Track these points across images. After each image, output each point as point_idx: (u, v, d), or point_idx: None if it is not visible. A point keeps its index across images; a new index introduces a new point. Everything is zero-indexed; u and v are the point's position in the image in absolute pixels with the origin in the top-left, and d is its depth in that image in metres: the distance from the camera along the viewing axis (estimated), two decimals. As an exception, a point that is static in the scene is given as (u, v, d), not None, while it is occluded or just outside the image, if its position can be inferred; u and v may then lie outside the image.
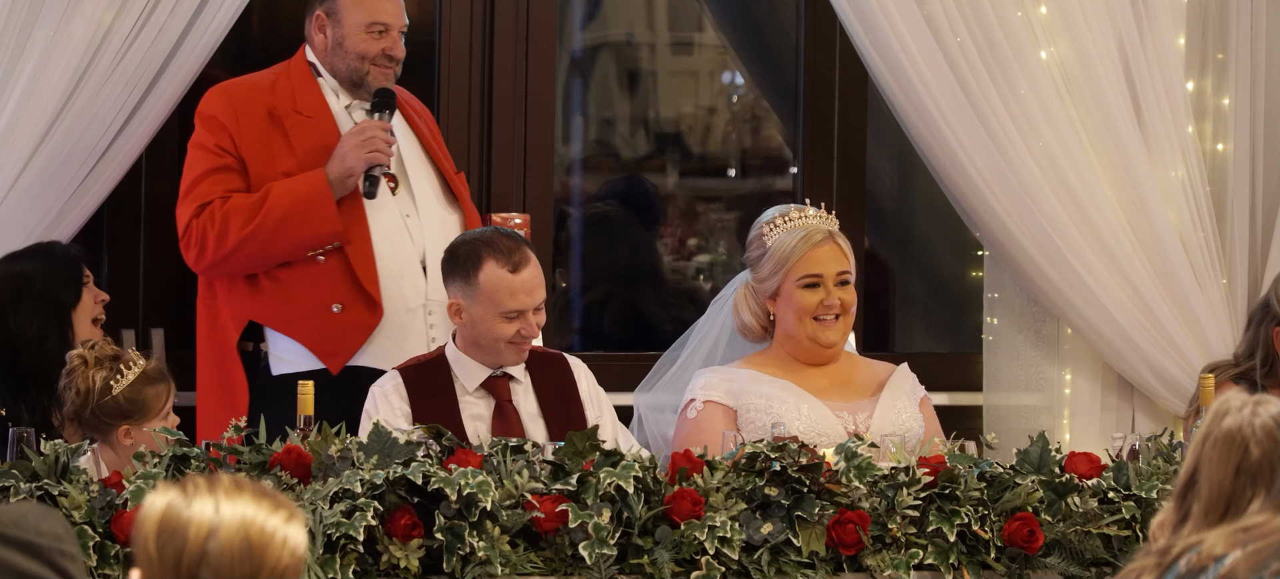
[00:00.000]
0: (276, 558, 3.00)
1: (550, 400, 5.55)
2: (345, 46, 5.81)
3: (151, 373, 5.28)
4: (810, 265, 5.63)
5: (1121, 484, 5.01)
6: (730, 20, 7.48)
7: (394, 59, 5.82)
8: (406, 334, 5.76)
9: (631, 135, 7.69)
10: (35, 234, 5.91)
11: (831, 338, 5.65)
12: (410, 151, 5.89)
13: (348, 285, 5.74)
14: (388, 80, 5.83)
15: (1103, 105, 6.38)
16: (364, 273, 5.73)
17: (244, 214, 5.69)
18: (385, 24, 5.81)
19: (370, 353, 5.76)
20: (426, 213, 5.82)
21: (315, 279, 5.74)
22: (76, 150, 5.95)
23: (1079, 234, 6.38)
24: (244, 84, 5.89)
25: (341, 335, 5.74)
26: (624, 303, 7.42)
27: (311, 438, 4.83)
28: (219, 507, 2.99)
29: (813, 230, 5.64)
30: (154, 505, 3.00)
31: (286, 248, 5.70)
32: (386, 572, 4.67)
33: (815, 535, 4.85)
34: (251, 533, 2.99)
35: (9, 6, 5.85)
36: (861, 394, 5.66)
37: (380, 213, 5.78)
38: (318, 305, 5.74)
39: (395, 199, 5.82)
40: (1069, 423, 6.59)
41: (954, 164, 6.36)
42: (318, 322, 5.74)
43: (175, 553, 2.98)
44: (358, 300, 5.73)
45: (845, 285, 5.66)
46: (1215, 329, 6.46)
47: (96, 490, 4.73)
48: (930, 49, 6.30)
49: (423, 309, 5.76)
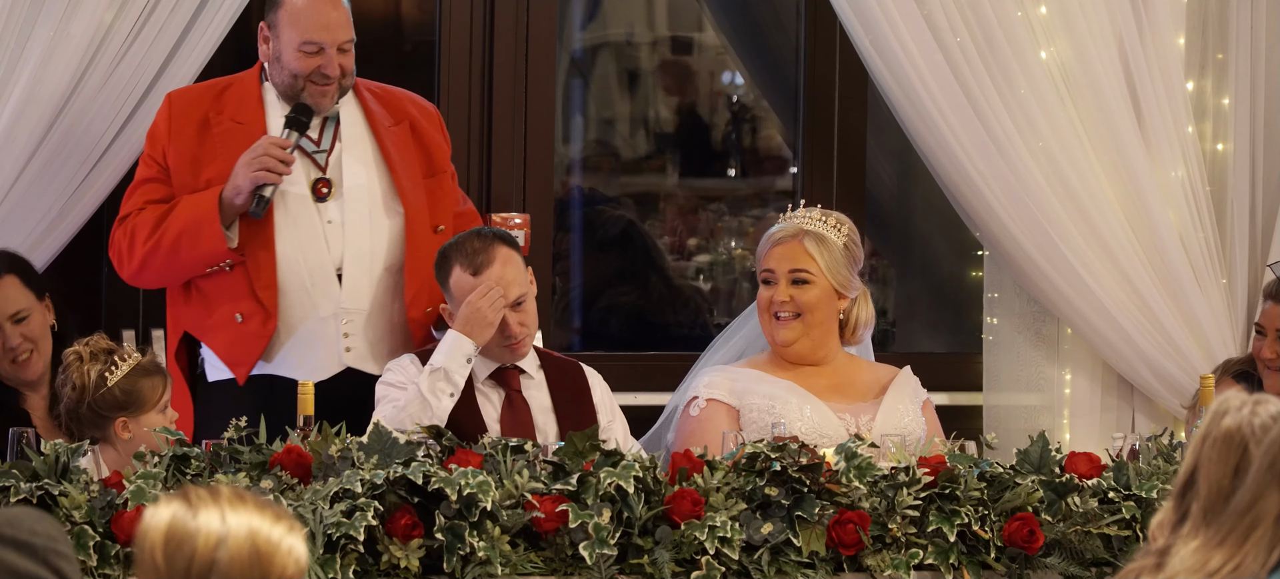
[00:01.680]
0: (282, 567, 3.02)
1: (563, 401, 5.58)
2: (282, 62, 5.73)
3: (146, 365, 5.29)
4: (766, 261, 5.68)
5: (1121, 484, 5.01)
6: (730, 20, 7.49)
7: (329, 77, 5.70)
8: (315, 343, 5.72)
9: (631, 135, 7.69)
10: (35, 234, 5.92)
11: (785, 337, 5.63)
12: (355, 157, 5.81)
13: (248, 295, 5.71)
14: (325, 98, 5.72)
15: (1103, 105, 6.38)
16: (259, 282, 5.69)
17: (146, 229, 5.69)
18: (317, 44, 5.68)
19: (280, 362, 5.73)
20: (353, 222, 5.78)
21: (225, 288, 5.72)
22: (76, 150, 5.95)
23: (1079, 234, 6.38)
24: (191, 91, 5.86)
25: (243, 344, 5.71)
26: (624, 303, 7.43)
27: (311, 438, 4.83)
28: (225, 517, 3.02)
29: (782, 228, 5.67)
30: (159, 516, 3.02)
31: (184, 264, 5.69)
32: (386, 572, 4.67)
33: (815, 535, 4.85)
34: (258, 542, 3.02)
35: (9, 6, 5.85)
36: (864, 396, 5.66)
37: (298, 221, 5.73)
38: (226, 314, 5.73)
39: (320, 206, 5.77)
40: (1069, 423, 6.59)
41: (954, 164, 6.36)
42: (226, 331, 5.73)
43: (185, 562, 3.00)
44: (257, 310, 5.70)
45: (801, 284, 5.63)
46: (1215, 329, 6.46)
47: (97, 490, 4.73)
48: (930, 49, 6.30)
49: (334, 318, 5.71)
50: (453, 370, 5.40)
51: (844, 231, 5.68)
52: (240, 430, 4.83)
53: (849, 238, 5.69)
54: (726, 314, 7.52)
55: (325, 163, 5.78)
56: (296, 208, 5.73)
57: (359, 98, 5.87)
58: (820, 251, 5.63)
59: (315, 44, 5.68)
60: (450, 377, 5.39)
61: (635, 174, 7.64)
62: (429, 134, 5.92)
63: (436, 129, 5.97)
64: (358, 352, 5.75)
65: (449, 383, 5.38)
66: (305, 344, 5.72)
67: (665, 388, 6.38)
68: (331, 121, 5.81)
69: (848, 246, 5.68)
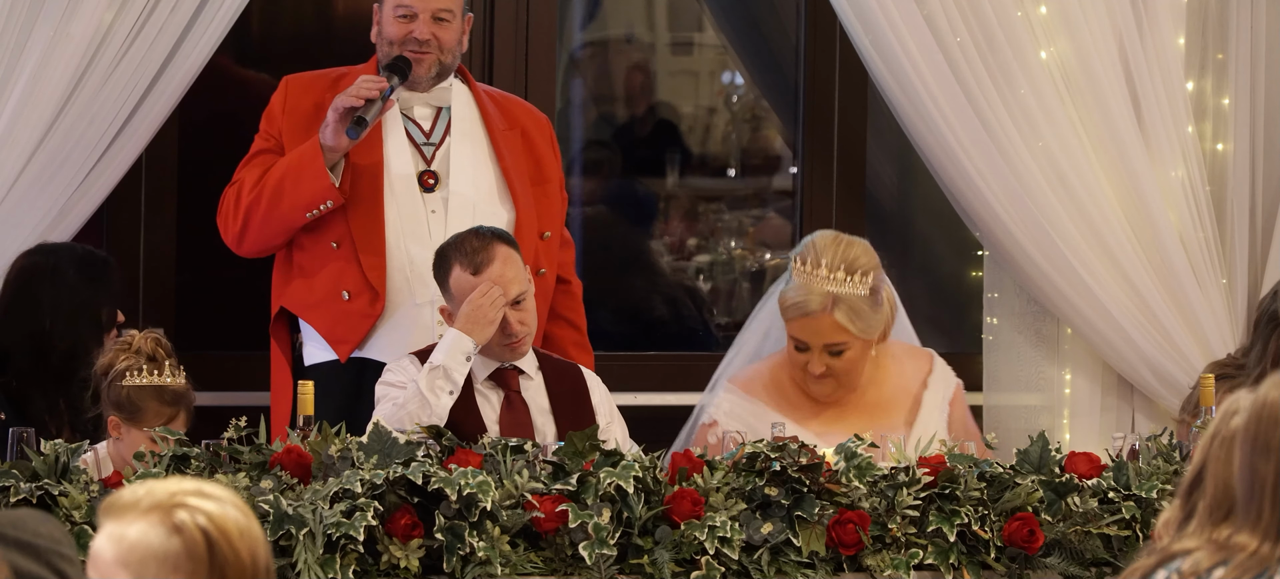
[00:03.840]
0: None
1: (562, 403, 5.58)
2: (383, 33, 5.86)
3: (168, 392, 5.28)
4: (799, 331, 5.54)
5: (1121, 484, 5.01)
6: (730, 20, 7.49)
7: (422, 41, 5.80)
8: (413, 328, 5.78)
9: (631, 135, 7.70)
10: (35, 234, 5.91)
11: (819, 392, 5.60)
12: (464, 151, 5.89)
13: (355, 274, 5.77)
14: (421, 66, 5.81)
15: (1103, 105, 6.38)
16: (368, 262, 5.76)
17: (252, 181, 5.78)
18: (411, 8, 5.80)
19: (377, 345, 5.79)
20: (456, 213, 5.82)
21: (330, 267, 5.79)
22: (76, 150, 5.95)
23: (1079, 234, 6.38)
24: (307, 76, 5.96)
25: (348, 323, 5.78)
26: (624, 303, 7.43)
27: (311, 438, 4.83)
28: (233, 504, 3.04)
29: (811, 297, 5.50)
30: (252, 524, 3.02)
31: (287, 210, 5.73)
32: (386, 572, 4.67)
33: (815, 535, 4.85)
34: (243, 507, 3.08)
35: (9, 6, 5.85)
36: (895, 412, 5.61)
37: (403, 208, 5.81)
38: (331, 292, 5.79)
39: (425, 195, 5.83)
40: (1069, 423, 6.59)
41: (954, 164, 6.36)
42: (330, 308, 5.80)
43: (250, 550, 3.01)
44: (363, 289, 5.77)
45: (837, 355, 5.54)
46: (1215, 329, 6.46)
47: (97, 490, 4.73)
48: (930, 49, 6.30)
49: (431, 305, 5.77)
50: (452, 368, 5.41)
51: (869, 279, 5.52)
52: (240, 430, 4.83)
53: (874, 280, 5.55)
54: (726, 314, 7.52)
55: (432, 156, 5.85)
56: (403, 195, 5.81)
57: (475, 96, 5.96)
58: (852, 320, 5.50)
59: (408, 8, 5.79)
60: (449, 374, 5.40)
61: (635, 174, 7.64)
62: (539, 144, 5.99)
63: (546, 141, 6.03)
64: None
65: (448, 381, 5.39)
66: (401, 328, 5.78)
67: (665, 388, 6.39)
68: (445, 114, 5.87)
69: (874, 290, 5.55)
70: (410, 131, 5.86)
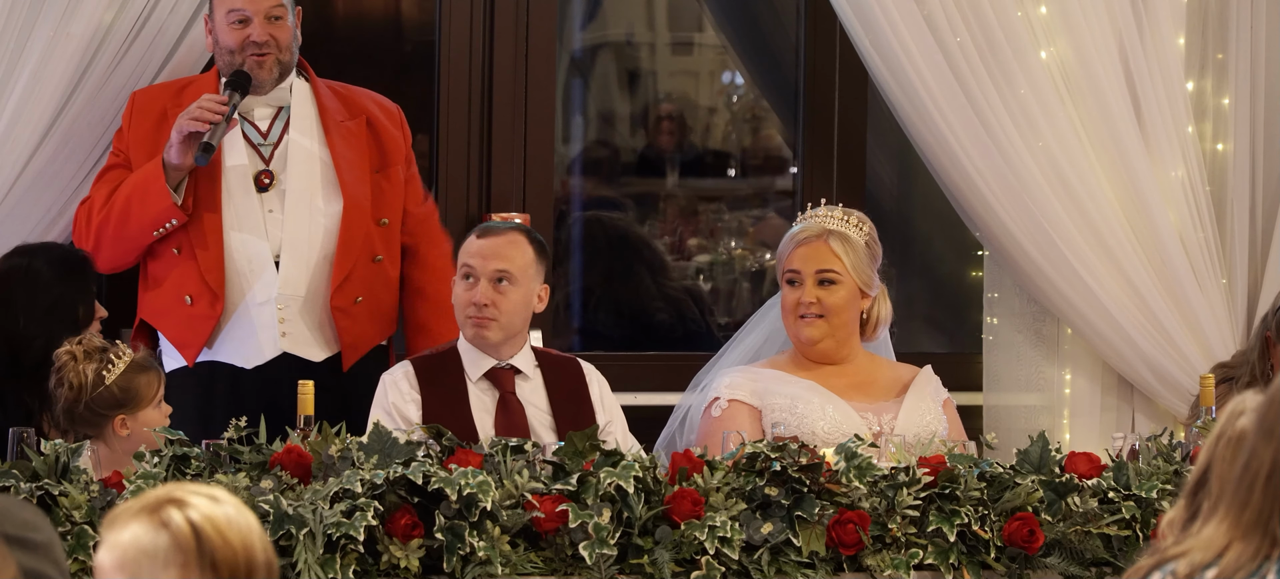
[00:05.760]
0: None
1: (561, 401, 5.58)
2: (220, 43, 5.86)
3: (140, 361, 5.31)
4: (790, 261, 5.65)
5: (1121, 484, 5.01)
6: (730, 20, 7.49)
7: (259, 44, 5.81)
8: (255, 328, 5.84)
9: (631, 135, 7.69)
10: (35, 234, 5.92)
11: (810, 335, 5.62)
12: (299, 149, 5.90)
13: (196, 278, 5.82)
14: (262, 68, 5.82)
15: (1103, 105, 6.38)
16: (206, 264, 5.80)
17: (101, 200, 5.80)
18: (242, 12, 5.80)
19: (224, 348, 5.85)
20: (293, 209, 5.84)
21: (174, 273, 5.84)
22: (76, 150, 5.96)
23: (1079, 234, 6.38)
24: (154, 88, 5.97)
25: (191, 327, 5.84)
26: (623, 303, 7.43)
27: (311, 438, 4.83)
28: (226, 501, 3.07)
29: (805, 227, 5.65)
30: (246, 518, 3.04)
31: (135, 229, 5.78)
32: (386, 572, 4.67)
33: (815, 535, 4.85)
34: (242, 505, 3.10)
35: (9, 6, 5.86)
36: (886, 395, 5.65)
37: (240, 209, 5.83)
38: (175, 298, 5.84)
39: (262, 195, 5.84)
40: (1069, 423, 6.59)
41: (954, 164, 6.36)
42: (176, 313, 5.86)
43: (243, 541, 3.03)
44: (203, 292, 5.82)
45: (827, 285, 5.62)
46: (1215, 329, 6.46)
47: (96, 490, 4.73)
48: (930, 49, 6.30)
49: (272, 304, 5.81)
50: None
51: (865, 230, 5.68)
52: (240, 430, 4.83)
53: (870, 236, 5.68)
54: (726, 314, 7.52)
55: (270, 155, 5.87)
56: (239, 197, 5.84)
57: (315, 93, 5.96)
58: (846, 251, 5.62)
59: (241, 12, 5.80)
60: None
61: (635, 174, 7.64)
62: (385, 129, 6.00)
63: (395, 125, 6.04)
64: (293, 337, 5.85)
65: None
66: (244, 329, 5.83)
67: (664, 388, 6.38)
68: (283, 114, 5.88)
69: (869, 245, 5.67)
70: (247, 133, 5.89)
